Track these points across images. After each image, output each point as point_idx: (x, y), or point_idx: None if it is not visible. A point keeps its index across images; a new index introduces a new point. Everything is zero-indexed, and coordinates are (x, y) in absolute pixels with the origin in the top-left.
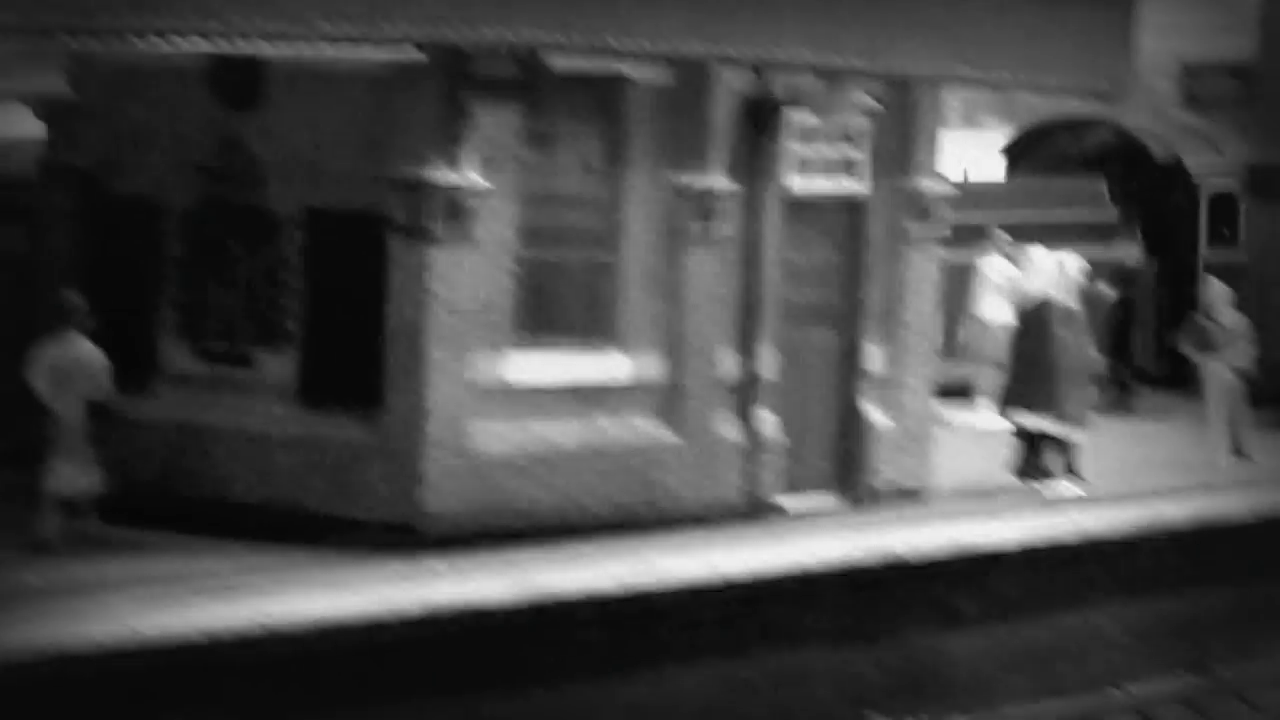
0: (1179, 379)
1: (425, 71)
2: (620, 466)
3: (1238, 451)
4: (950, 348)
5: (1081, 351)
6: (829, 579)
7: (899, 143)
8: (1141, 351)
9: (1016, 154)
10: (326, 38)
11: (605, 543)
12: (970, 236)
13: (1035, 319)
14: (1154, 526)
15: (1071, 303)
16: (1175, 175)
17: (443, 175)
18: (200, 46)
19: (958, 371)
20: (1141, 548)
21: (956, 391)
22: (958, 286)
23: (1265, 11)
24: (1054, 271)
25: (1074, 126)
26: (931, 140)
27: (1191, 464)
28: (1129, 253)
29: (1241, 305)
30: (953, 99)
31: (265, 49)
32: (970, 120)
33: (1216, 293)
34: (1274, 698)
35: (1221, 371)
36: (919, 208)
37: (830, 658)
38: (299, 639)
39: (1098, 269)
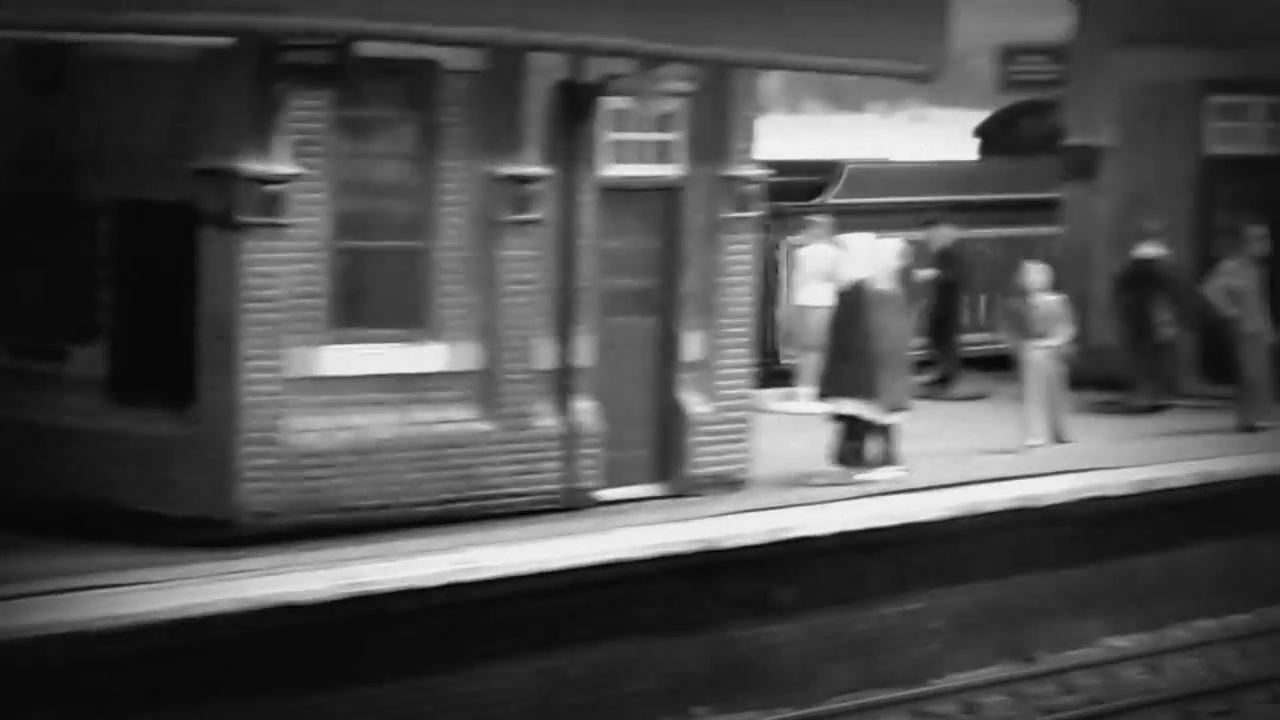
0: None
1: (235, 59)
2: (438, 459)
3: (1057, 435)
4: (775, 333)
5: (899, 336)
6: (649, 570)
7: (716, 128)
8: None
9: (988, 136)
10: (134, 28)
11: (425, 537)
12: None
13: (852, 303)
14: (973, 512)
15: (889, 286)
16: None
17: (254, 164)
18: (4, 33)
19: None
20: (960, 533)
21: (778, 377)
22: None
23: None
24: (871, 255)
25: (1038, 109)
26: (749, 126)
27: (1011, 448)
28: (947, 234)
29: (1061, 287)
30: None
31: (72, 37)
32: (793, 105)
33: (1033, 276)
34: (1091, 682)
35: (1039, 355)
36: (736, 194)
37: (652, 650)
38: (112, 639)
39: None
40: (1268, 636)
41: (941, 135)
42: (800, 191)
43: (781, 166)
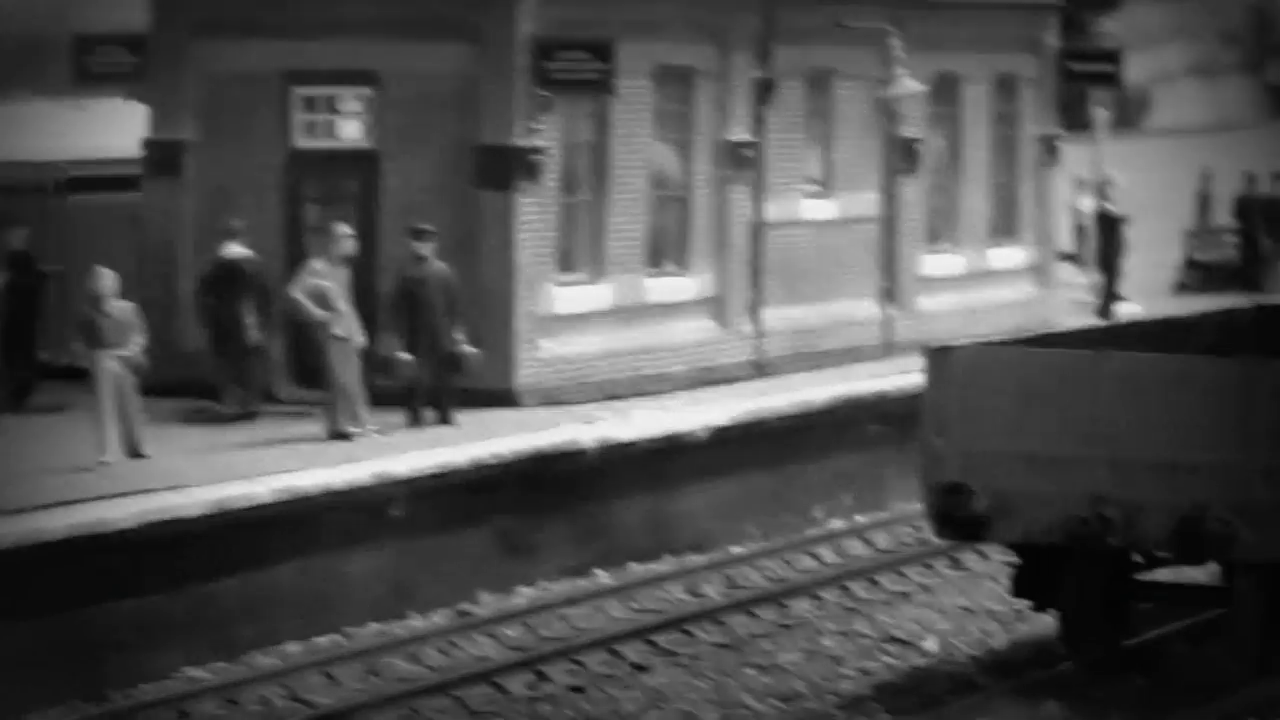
0: None
1: None
2: None
3: (133, 449)
4: None
5: None
6: None
7: None
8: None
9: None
10: None
11: None
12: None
13: None
14: (32, 541)
15: None
16: None
17: None
18: None
19: None
20: (20, 565)
21: None
22: None
23: None
24: None
25: None
26: None
27: (86, 466)
28: (18, 236)
29: (144, 289)
30: None
31: None
32: None
33: (105, 282)
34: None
35: (111, 365)
36: None
37: None
38: None
39: None
40: (350, 661)
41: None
42: None
43: None
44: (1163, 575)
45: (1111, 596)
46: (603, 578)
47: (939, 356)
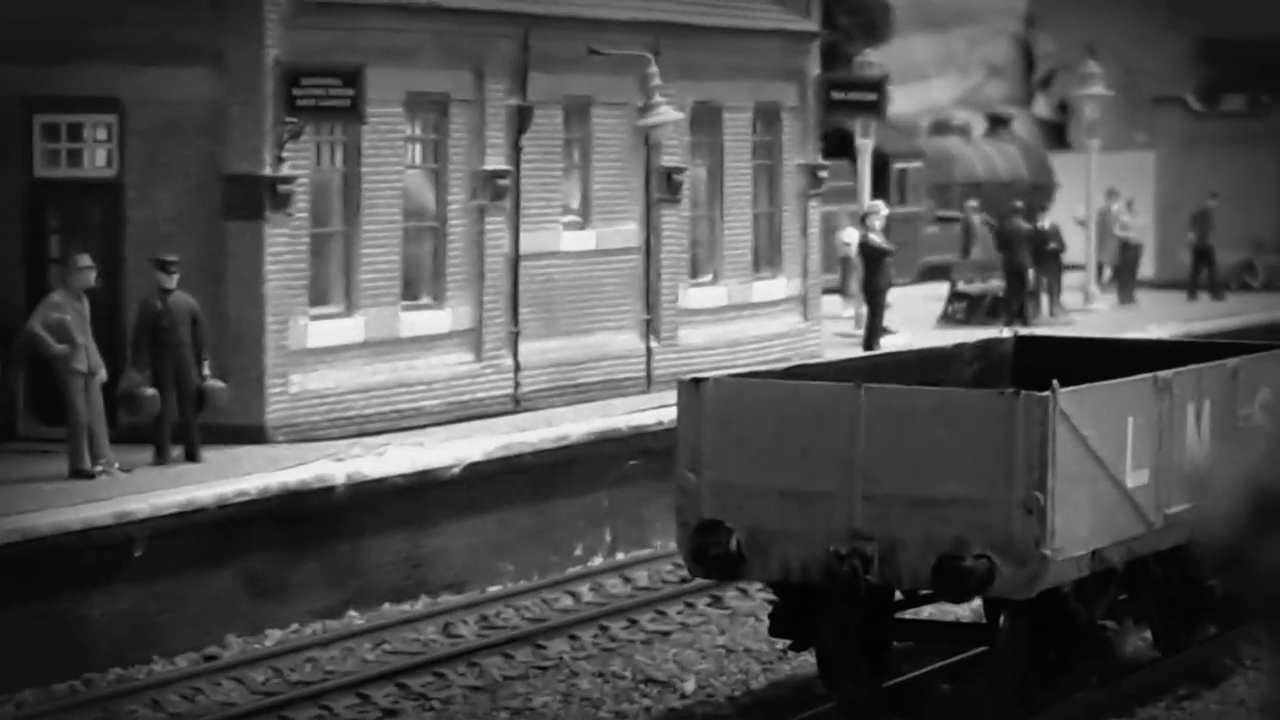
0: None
1: None
2: None
3: None
4: None
5: None
6: None
7: None
8: None
9: None
10: None
11: None
12: None
13: None
14: None
15: None
16: None
17: None
18: None
19: None
20: None
21: None
22: None
23: None
24: None
25: None
26: None
27: None
28: None
29: None
30: None
31: None
32: None
33: None
34: None
35: None
36: None
37: None
38: None
39: None
40: (89, 708)
41: None
42: None
43: None
44: (926, 612)
45: (871, 635)
46: (355, 619)
47: (691, 389)
